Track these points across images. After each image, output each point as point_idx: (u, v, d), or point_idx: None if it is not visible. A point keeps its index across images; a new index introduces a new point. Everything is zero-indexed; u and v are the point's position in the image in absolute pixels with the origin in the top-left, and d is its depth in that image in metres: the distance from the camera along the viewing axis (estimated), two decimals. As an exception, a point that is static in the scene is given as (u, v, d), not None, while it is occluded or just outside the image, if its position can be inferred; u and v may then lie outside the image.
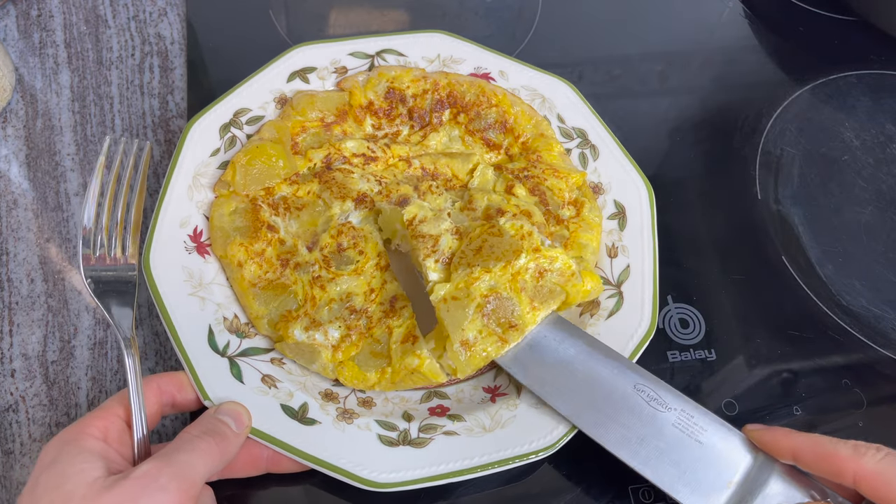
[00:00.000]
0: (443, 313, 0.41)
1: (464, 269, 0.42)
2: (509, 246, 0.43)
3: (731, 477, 0.37)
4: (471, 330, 0.41)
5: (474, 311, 0.41)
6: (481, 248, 0.43)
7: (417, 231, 0.44)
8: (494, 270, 0.42)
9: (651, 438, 0.38)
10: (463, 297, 0.41)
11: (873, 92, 0.60)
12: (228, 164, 0.47)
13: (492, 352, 0.41)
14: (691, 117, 0.58)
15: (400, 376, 0.41)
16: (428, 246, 0.43)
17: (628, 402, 0.39)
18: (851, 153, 0.57)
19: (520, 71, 0.53)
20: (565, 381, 0.40)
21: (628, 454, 0.38)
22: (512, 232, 0.43)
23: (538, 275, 0.43)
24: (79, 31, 0.57)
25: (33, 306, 0.46)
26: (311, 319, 0.42)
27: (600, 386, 0.40)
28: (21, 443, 0.42)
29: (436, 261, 0.43)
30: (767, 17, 0.65)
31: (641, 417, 0.38)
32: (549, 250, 0.43)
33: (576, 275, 0.43)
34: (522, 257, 0.42)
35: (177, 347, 0.40)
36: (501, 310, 0.41)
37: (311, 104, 0.50)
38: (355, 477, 0.37)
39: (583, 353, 0.41)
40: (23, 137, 0.52)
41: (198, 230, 0.45)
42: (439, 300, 0.42)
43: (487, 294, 0.41)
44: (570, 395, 0.40)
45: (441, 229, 0.44)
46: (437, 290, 0.42)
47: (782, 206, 0.54)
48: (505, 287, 0.42)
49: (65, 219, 0.49)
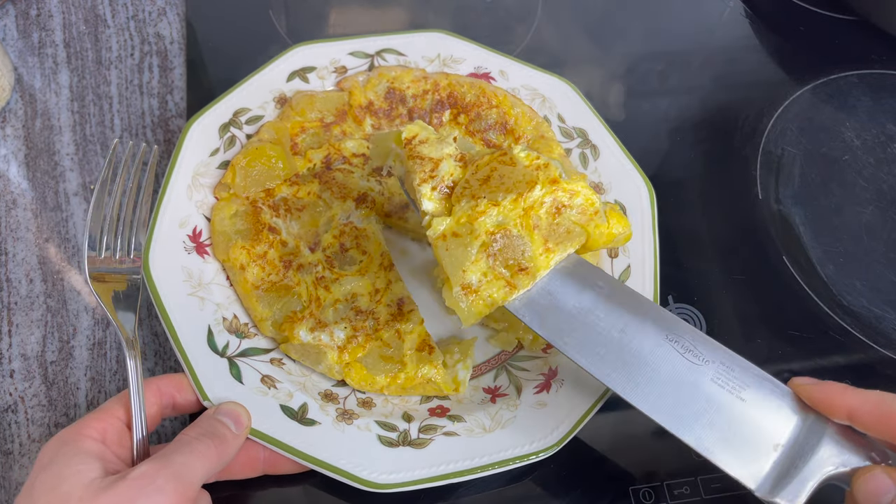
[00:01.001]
0: (441, 252, 0.36)
1: (467, 201, 0.36)
2: (522, 176, 0.37)
3: (778, 439, 0.32)
4: (474, 271, 0.36)
5: (478, 251, 0.36)
6: (489, 177, 0.37)
7: (416, 151, 0.38)
8: (504, 203, 0.36)
9: (688, 397, 0.33)
10: (465, 233, 0.36)
11: (874, 92, 0.60)
12: (228, 165, 0.47)
13: (498, 297, 0.36)
14: (692, 117, 0.58)
15: (413, 383, 0.41)
16: (426, 169, 0.37)
17: (661, 355, 0.34)
18: (852, 153, 0.57)
19: (520, 70, 0.53)
20: (587, 332, 0.35)
21: (664, 415, 0.33)
22: (526, 162, 0.38)
23: (555, 211, 0.37)
24: (78, 30, 0.57)
25: (32, 306, 0.45)
26: (317, 320, 0.42)
27: (628, 337, 0.35)
28: (20, 443, 0.42)
29: (433, 188, 0.37)
30: (768, 16, 0.64)
31: (676, 373, 0.34)
32: (569, 182, 0.37)
33: (600, 213, 0.38)
34: (537, 189, 0.37)
35: (176, 348, 0.40)
36: (510, 250, 0.36)
37: (311, 104, 0.50)
38: (355, 478, 0.37)
39: (606, 299, 0.36)
40: (22, 137, 0.52)
41: (197, 230, 0.44)
42: (437, 236, 0.36)
43: (494, 231, 0.36)
44: (593, 347, 0.35)
45: (443, 153, 0.38)
46: (436, 224, 0.36)
47: (783, 206, 0.54)
48: (515, 224, 0.36)
49: (64, 219, 0.49)
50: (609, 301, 0.36)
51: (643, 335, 0.35)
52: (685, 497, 0.41)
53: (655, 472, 0.42)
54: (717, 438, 0.33)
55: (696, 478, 0.42)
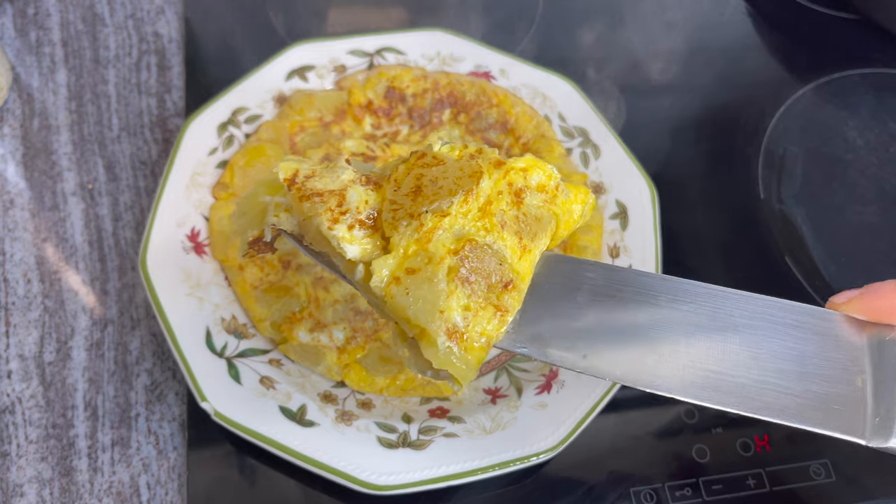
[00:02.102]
0: (400, 301, 0.27)
1: (407, 224, 0.28)
2: (460, 170, 0.30)
3: (859, 370, 0.27)
4: (454, 309, 0.28)
5: (448, 281, 0.28)
6: (419, 187, 0.29)
7: (307, 190, 0.30)
8: (454, 209, 0.29)
9: (738, 367, 0.28)
10: (422, 264, 0.28)
11: (877, 91, 0.60)
12: (227, 164, 0.46)
13: (491, 331, 0.28)
14: (694, 116, 0.57)
15: (413, 385, 0.41)
16: (331, 207, 0.29)
17: (686, 331, 0.29)
18: (855, 152, 0.57)
19: (520, 69, 0.53)
20: (603, 334, 0.29)
21: (732, 400, 0.27)
22: (455, 154, 0.31)
23: (516, 199, 0.30)
24: (76, 29, 0.56)
25: (30, 307, 0.45)
26: (316, 321, 0.42)
27: (649, 324, 0.29)
28: (17, 444, 0.41)
29: (350, 226, 0.29)
30: (770, 15, 0.64)
31: (712, 345, 0.28)
32: (515, 160, 0.31)
33: (560, 186, 0.32)
34: (485, 179, 0.30)
35: (174, 348, 0.40)
36: (485, 264, 0.29)
37: (310, 103, 0.49)
38: (354, 479, 0.37)
39: (608, 289, 0.30)
40: (19, 137, 0.51)
41: (195, 230, 0.44)
42: (387, 282, 0.28)
43: (457, 248, 0.28)
44: (616, 350, 0.29)
45: (343, 180, 0.30)
46: (378, 268, 0.28)
47: (785, 206, 0.53)
48: (477, 230, 0.29)
49: (62, 219, 0.48)
50: (610, 290, 0.30)
51: (662, 314, 0.29)
52: (687, 499, 0.41)
53: (657, 474, 0.42)
54: (793, 401, 0.27)
55: (698, 479, 0.42)
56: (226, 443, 0.41)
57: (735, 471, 0.42)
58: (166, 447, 0.41)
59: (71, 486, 0.40)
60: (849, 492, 0.42)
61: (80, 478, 0.41)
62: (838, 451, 0.43)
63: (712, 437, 0.43)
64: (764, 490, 0.41)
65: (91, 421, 0.42)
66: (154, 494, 0.40)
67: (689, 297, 0.30)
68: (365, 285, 0.29)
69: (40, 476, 0.41)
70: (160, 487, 0.40)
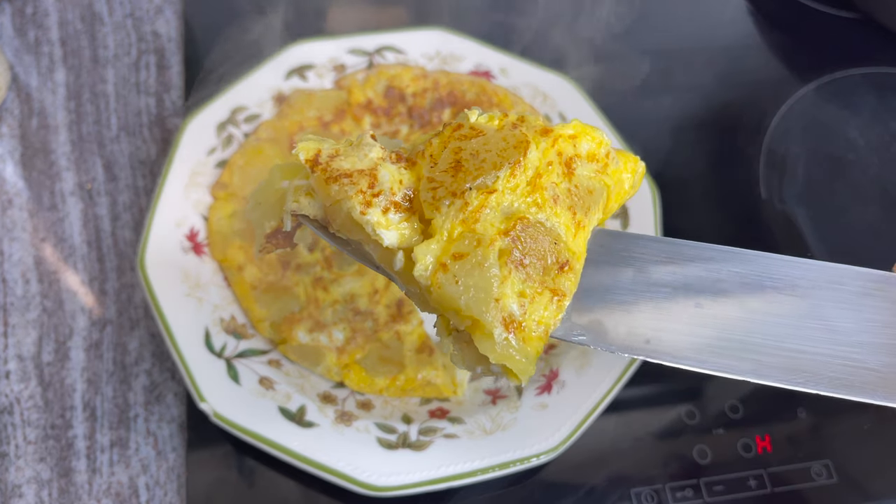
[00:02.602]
0: (449, 290, 0.25)
1: (450, 203, 0.26)
2: (504, 141, 0.27)
3: None
4: (509, 296, 0.25)
5: (501, 265, 0.25)
6: (458, 161, 0.27)
7: (333, 171, 0.27)
8: (500, 184, 0.26)
9: (815, 342, 0.26)
10: (471, 248, 0.25)
11: (878, 90, 0.59)
12: (226, 164, 0.46)
13: (548, 318, 0.26)
14: (695, 116, 0.57)
15: (413, 385, 0.41)
16: (363, 188, 0.26)
17: (755, 307, 0.26)
18: (856, 152, 0.56)
19: (521, 68, 0.52)
20: (665, 316, 0.27)
21: (812, 380, 0.26)
22: (496, 123, 0.28)
23: (567, 170, 0.27)
24: (74, 28, 0.56)
25: (28, 307, 0.45)
26: (315, 321, 0.42)
27: (714, 301, 0.27)
28: (16, 445, 0.41)
29: (384, 209, 0.26)
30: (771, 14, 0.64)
31: (784, 321, 0.26)
32: (563, 126, 0.28)
33: (612, 154, 0.29)
34: (533, 149, 0.27)
35: (173, 349, 0.39)
36: (538, 245, 0.26)
37: (309, 103, 0.49)
38: (354, 480, 0.37)
39: (666, 265, 0.28)
40: (18, 136, 0.51)
41: (194, 230, 0.44)
42: (433, 271, 0.25)
43: (507, 227, 0.26)
44: (680, 333, 0.26)
45: (373, 158, 0.27)
46: (420, 255, 0.25)
47: (787, 206, 0.53)
48: (528, 206, 0.26)
49: (60, 219, 0.48)
50: (669, 267, 0.28)
51: (734, 297, 0.27)
52: (688, 500, 0.41)
53: (658, 475, 0.41)
54: (881, 375, 0.25)
55: (699, 480, 0.41)
56: (225, 444, 0.40)
57: (736, 472, 0.42)
58: (165, 448, 0.41)
59: (70, 487, 0.40)
60: (850, 493, 0.41)
61: (78, 478, 0.40)
62: (840, 452, 0.42)
63: (713, 438, 0.43)
64: (765, 491, 0.41)
65: (90, 422, 0.42)
66: (153, 495, 0.40)
67: (755, 268, 0.27)
68: (406, 275, 0.26)
69: (39, 477, 0.40)
70: (159, 488, 0.40)
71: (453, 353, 0.26)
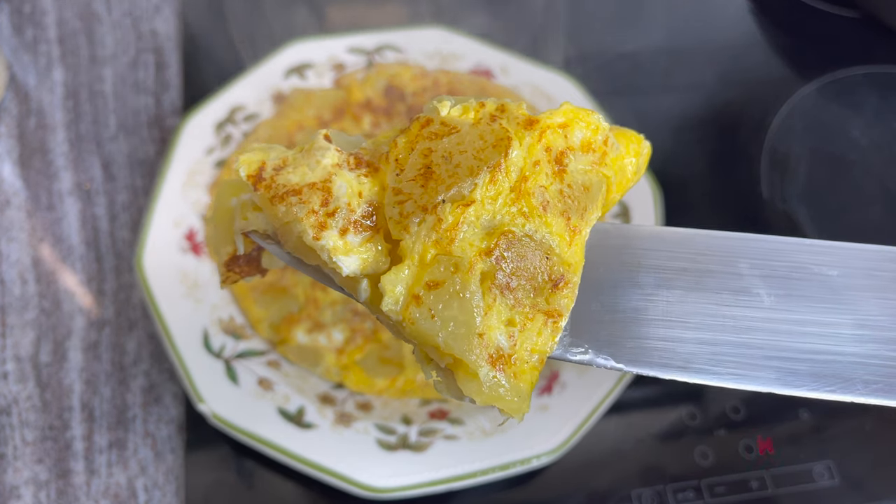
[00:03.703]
0: (424, 326, 0.21)
1: (419, 221, 0.22)
2: (481, 139, 0.23)
3: None
4: (495, 328, 0.21)
5: (484, 292, 0.21)
6: (429, 167, 0.22)
7: (278, 186, 0.23)
8: (480, 193, 0.22)
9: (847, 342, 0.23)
10: (448, 274, 0.21)
11: (880, 90, 0.59)
12: (224, 163, 0.46)
13: (543, 344, 0.22)
14: (696, 115, 0.57)
15: (412, 386, 0.41)
16: (314, 206, 0.22)
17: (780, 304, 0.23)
18: (859, 151, 0.56)
19: (522, 67, 0.52)
20: (678, 323, 0.23)
21: (844, 386, 0.23)
22: (471, 116, 0.24)
23: (557, 168, 0.23)
24: (72, 27, 0.56)
25: (26, 308, 0.45)
26: (314, 322, 0.42)
27: (733, 301, 0.24)
28: (14, 446, 0.41)
29: (342, 230, 0.22)
30: (774, 13, 0.64)
31: (813, 319, 0.23)
32: (550, 114, 0.24)
33: (609, 140, 0.25)
34: (515, 147, 0.22)
35: (171, 350, 0.39)
36: (527, 262, 0.22)
37: (308, 102, 0.49)
38: (353, 482, 0.37)
39: (675, 262, 0.24)
40: (15, 136, 0.51)
41: (193, 230, 0.44)
42: (405, 305, 0.21)
43: (489, 246, 0.22)
44: (696, 343, 0.23)
45: (326, 166, 0.23)
46: (390, 285, 0.21)
47: (788, 205, 0.53)
48: (512, 217, 0.22)
49: (58, 219, 0.48)
50: (679, 265, 0.24)
51: (755, 294, 0.24)
52: (689, 501, 0.41)
53: (659, 476, 0.41)
54: None
55: (700, 481, 0.41)
56: (223, 445, 0.40)
57: (738, 473, 0.41)
58: (163, 449, 0.41)
59: (67, 489, 0.40)
60: (852, 494, 0.41)
61: (76, 480, 0.40)
62: (842, 453, 0.42)
63: (715, 440, 0.42)
64: (767, 492, 0.41)
65: (88, 423, 0.42)
66: (151, 497, 0.40)
67: (776, 257, 0.24)
68: (374, 307, 0.22)
69: (37, 478, 0.40)
70: (157, 490, 0.40)
71: (437, 382, 0.22)
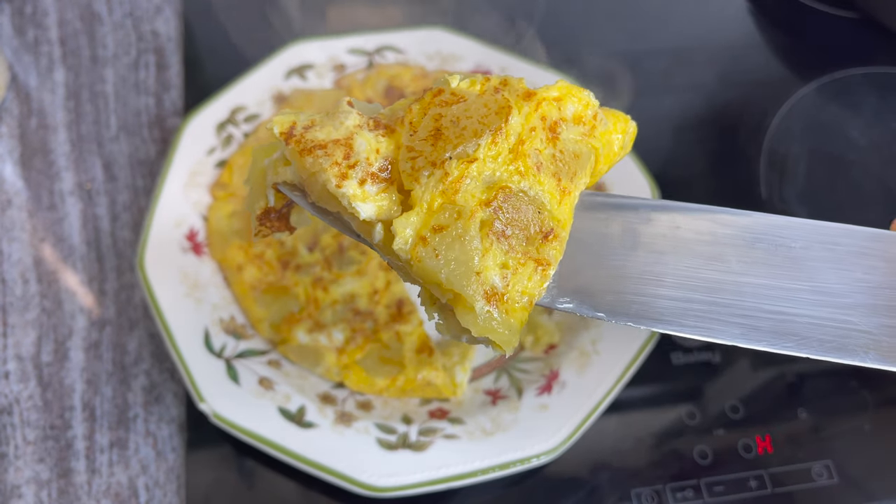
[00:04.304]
0: (429, 263, 0.24)
1: (429, 173, 0.25)
2: (485, 106, 0.26)
3: None
4: (491, 269, 0.25)
5: (482, 237, 0.25)
6: (439, 129, 0.26)
7: (307, 142, 0.26)
8: (481, 152, 0.25)
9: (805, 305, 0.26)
10: (451, 220, 0.25)
11: (879, 90, 0.59)
12: (225, 163, 0.46)
13: (532, 288, 0.25)
14: (695, 115, 0.57)
15: (413, 386, 0.41)
16: (337, 159, 0.25)
17: (745, 269, 0.26)
18: (858, 152, 0.56)
19: (521, 68, 0.52)
20: (653, 279, 0.26)
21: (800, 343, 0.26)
22: (477, 87, 0.27)
23: (551, 135, 0.27)
24: (73, 28, 0.56)
25: (27, 307, 0.45)
26: (315, 321, 0.42)
27: (705, 263, 0.26)
28: (15, 445, 0.41)
29: (361, 181, 0.25)
30: (772, 14, 0.64)
31: (775, 283, 0.26)
32: (546, 89, 0.27)
33: (599, 115, 0.28)
34: (515, 115, 0.26)
35: (172, 349, 0.39)
36: (521, 215, 0.26)
37: (309, 103, 0.49)
38: (354, 481, 0.37)
39: (656, 228, 0.27)
40: (17, 136, 0.51)
41: (193, 230, 0.44)
42: (413, 244, 0.25)
43: (489, 198, 0.25)
44: (667, 298, 0.26)
45: (348, 126, 0.26)
46: (400, 228, 0.25)
47: (787, 206, 0.53)
48: (510, 175, 0.26)
49: (59, 219, 0.48)
50: (659, 230, 0.27)
51: (725, 259, 0.26)
52: (688, 500, 0.41)
53: (658, 475, 0.41)
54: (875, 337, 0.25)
55: (699, 480, 0.41)
56: (224, 444, 0.40)
57: (737, 472, 0.42)
58: (164, 449, 0.41)
59: (69, 488, 0.40)
60: (851, 494, 0.41)
61: (78, 479, 0.40)
62: (841, 452, 0.42)
63: (714, 439, 0.42)
64: (765, 492, 0.41)
65: (89, 422, 0.42)
66: (152, 496, 0.40)
67: (746, 229, 0.27)
68: (386, 247, 0.25)
69: (38, 477, 0.40)
70: (158, 489, 0.40)
71: (438, 322, 0.26)
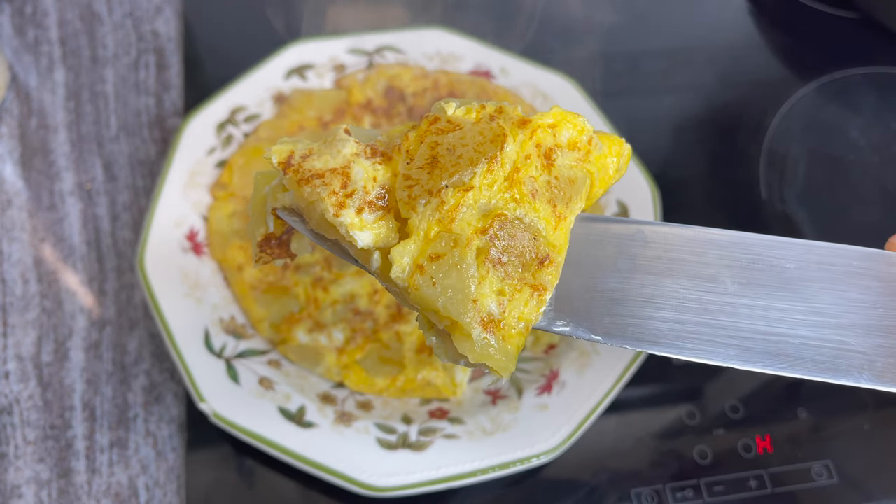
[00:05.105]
0: (426, 291, 0.25)
1: (426, 202, 0.25)
2: (481, 135, 0.26)
3: None
4: (487, 296, 0.25)
5: (479, 264, 0.25)
6: (435, 158, 0.26)
7: (304, 171, 0.26)
8: (478, 181, 0.26)
9: (800, 326, 0.26)
10: (448, 248, 0.25)
11: (879, 90, 0.59)
12: (225, 164, 0.46)
13: (529, 314, 0.26)
14: (695, 115, 0.57)
15: (413, 386, 0.41)
16: (335, 188, 0.26)
17: (740, 290, 0.26)
18: (857, 152, 0.56)
19: (521, 68, 0.52)
20: (648, 302, 0.27)
21: (796, 365, 0.26)
22: (473, 115, 0.28)
23: (546, 162, 0.27)
24: (74, 28, 0.56)
25: (28, 307, 0.45)
26: (315, 321, 0.42)
27: (699, 285, 0.27)
28: (15, 445, 0.41)
29: (358, 209, 0.26)
30: (772, 14, 0.64)
31: (770, 304, 0.26)
32: (541, 115, 0.28)
33: (594, 140, 0.28)
34: (510, 142, 0.26)
35: (172, 349, 0.39)
36: (517, 242, 0.26)
37: (309, 103, 0.49)
38: (354, 481, 0.37)
39: (650, 250, 0.28)
40: (17, 136, 0.51)
41: (194, 230, 0.44)
42: (410, 273, 0.25)
43: (485, 226, 0.26)
44: (663, 321, 0.26)
45: (346, 155, 0.27)
46: (398, 256, 0.25)
47: (787, 206, 0.53)
48: (506, 202, 0.26)
49: (59, 219, 0.48)
50: (654, 253, 0.28)
51: (719, 280, 0.27)
52: (688, 500, 0.41)
53: (658, 475, 0.41)
54: (870, 357, 0.25)
55: (699, 480, 0.41)
56: (224, 444, 0.40)
57: (736, 472, 0.42)
58: (165, 448, 0.41)
59: (69, 488, 0.40)
60: (851, 494, 0.41)
61: (78, 479, 0.40)
62: (841, 452, 0.42)
63: (714, 439, 0.42)
64: (765, 491, 0.41)
65: (89, 422, 0.42)
66: (152, 496, 0.40)
67: (740, 250, 0.28)
68: (384, 275, 0.26)
69: (38, 477, 0.40)
70: (158, 489, 0.40)
71: (436, 346, 0.26)
